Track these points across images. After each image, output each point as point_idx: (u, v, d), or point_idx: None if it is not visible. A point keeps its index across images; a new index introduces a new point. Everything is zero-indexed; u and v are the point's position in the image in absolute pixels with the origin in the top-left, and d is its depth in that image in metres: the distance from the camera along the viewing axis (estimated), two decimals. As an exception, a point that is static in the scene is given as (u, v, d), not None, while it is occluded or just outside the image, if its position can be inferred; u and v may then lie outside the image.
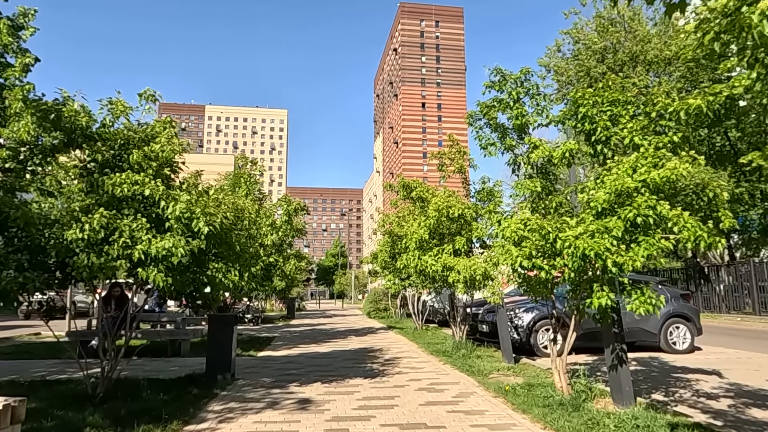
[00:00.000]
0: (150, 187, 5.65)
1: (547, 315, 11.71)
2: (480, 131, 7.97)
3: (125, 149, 5.93)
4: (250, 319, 21.67)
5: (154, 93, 6.17)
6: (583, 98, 6.17)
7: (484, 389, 7.35)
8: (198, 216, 5.59)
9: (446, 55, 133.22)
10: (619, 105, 6.08)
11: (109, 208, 5.62)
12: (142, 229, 5.60)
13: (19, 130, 5.97)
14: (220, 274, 6.21)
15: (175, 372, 8.71)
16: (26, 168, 7.18)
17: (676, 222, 4.86)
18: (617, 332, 5.86)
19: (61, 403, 6.01)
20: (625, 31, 25.00)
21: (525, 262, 5.60)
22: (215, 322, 8.14)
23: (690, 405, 6.54)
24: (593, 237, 4.93)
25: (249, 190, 13.56)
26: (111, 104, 5.98)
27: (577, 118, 6.34)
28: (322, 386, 7.65)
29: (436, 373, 8.78)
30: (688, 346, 11.58)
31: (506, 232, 5.95)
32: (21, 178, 7.17)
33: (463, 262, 9.70)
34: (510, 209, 7.38)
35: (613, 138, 5.92)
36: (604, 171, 5.60)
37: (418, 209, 11.75)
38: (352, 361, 10.39)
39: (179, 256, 5.40)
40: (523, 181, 6.92)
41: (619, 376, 5.78)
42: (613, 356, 5.85)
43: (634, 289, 5.04)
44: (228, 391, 7.28)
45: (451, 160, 11.08)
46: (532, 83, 7.05)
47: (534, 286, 6.41)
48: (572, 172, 8.23)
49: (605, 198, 5.27)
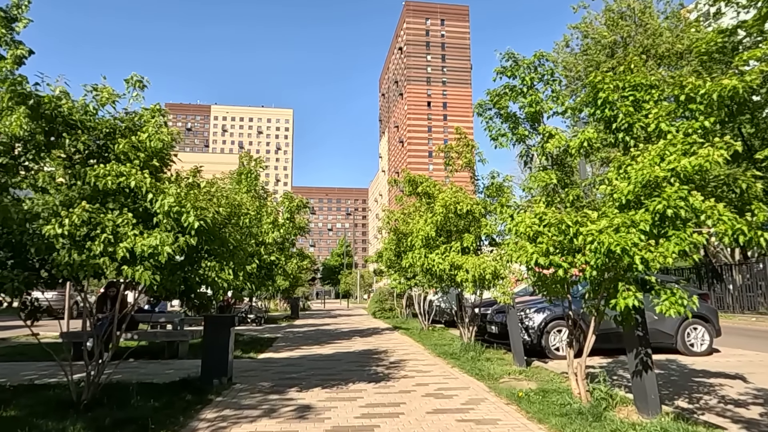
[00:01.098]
0: (136, 179, 5.24)
1: (559, 315, 11.26)
2: (490, 122, 7.53)
3: (111, 139, 5.53)
4: (253, 320, 21.27)
5: (142, 79, 5.75)
6: (602, 82, 5.71)
7: (496, 395, 6.91)
8: (188, 210, 5.18)
9: (452, 53, 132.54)
10: (642, 89, 5.63)
11: (92, 202, 5.22)
12: (128, 224, 5.20)
13: (11, 124, 5.57)
14: (213, 272, 5.80)
15: (171, 375, 8.32)
16: (20, 164, 6.80)
17: (710, 215, 4.40)
18: (641, 335, 5.39)
19: (42, 410, 5.62)
20: (635, 25, 24.44)
21: (541, 259, 5.16)
22: (211, 323, 7.73)
23: (718, 413, 6.08)
24: (618, 231, 4.47)
25: (249, 186, 13.15)
26: (95, 90, 5.57)
27: (595, 104, 5.89)
28: (323, 391, 7.23)
29: (444, 377, 8.34)
30: (706, 348, 11.09)
31: (520, 228, 5.52)
32: (14, 175, 6.79)
33: (471, 260, 9.26)
34: (522, 203, 6.92)
35: (637, 125, 5.47)
36: (627, 160, 5.15)
37: (424, 205, 11.30)
38: (355, 363, 9.97)
39: (166, 254, 4.99)
40: (537, 174, 6.47)
41: (644, 383, 5.32)
42: (637, 361, 5.39)
43: (663, 289, 4.58)
44: (223, 397, 6.87)
45: (459, 154, 10.62)
46: (547, 68, 6.60)
47: (550, 286, 5.98)
48: (582, 166, 7.77)
49: (630, 189, 4.81)
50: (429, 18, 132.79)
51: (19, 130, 5.55)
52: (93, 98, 5.57)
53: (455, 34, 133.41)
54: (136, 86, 5.76)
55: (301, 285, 47.28)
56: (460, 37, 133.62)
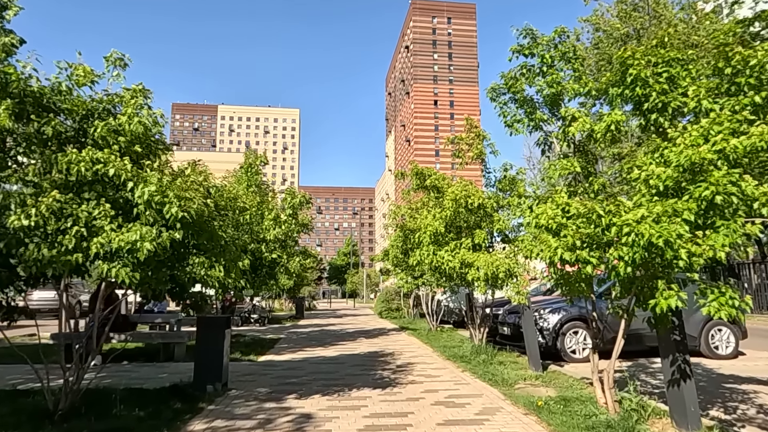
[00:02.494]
0: (115, 166, 4.71)
1: (575, 316, 10.66)
2: (504, 107, 6.96)
3: (88, 122, 5.00)
4: (256, 320, 20.76)
5: (123, 56, 5.22)
6: (633, 58, 5.13)
7: (512, 403, 6.33)
8: (171, 200, 4.65)
9: (458, 51, 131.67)
10: (678, 64, 5.04)
11: (66, 192, 4.70)
12: (105, 216, 4.67)
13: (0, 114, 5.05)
14: (202, 269, 5.27)
15: (163, 380, 7.82)
16: (10, 157, 6.29)
17: (765, 202, 3.82)
18: (679, 339, 4.81)
19: (13, 421, 5.12)
20: (649, 17, 23.74)
21: (566, 254, 4.59)
22: (204, 324, 7.20)
23: (760, 426, 5.48)
24: (658, 222, 3.89)
25: (250, 181, 12.62)
26: (71, 67, 5.03)
27: (624, 83, 5.31)
28: (325, 399, 6.68)
29: (455, 383, 7.77)
30: (731, 350, 10.46)
31: (541, 220, 4.95)
32: (3, 169, 6.28)
33: (483, 257, 8.68)
34: (541, 195, 6.34)
35: (673, 104, 4.88)
36: (664, 143, 4.57)
37: (432, 200, 10.72)
38: (360, 367, 9.41)
39: (146, 251, 4.46)
40: (558, 161, 5.89)
41: (683, 393, 4.73)
42: (674, 368, 4.80)
43: (710, 288, 3.99)
44: (216, 405, 6.34)
45: (469, 146, 10.03)
46: (568, 45, 6.01)
47: (573, 284, 5.39)
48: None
49: (669, 174, 4.23)
50: (436, 16, 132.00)
51: (7, 122, 5.04)
52: (68, 77, 5.04)
53: (462, 32, 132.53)
54: (117, 64, 5.22)
55: (307, 284, 46.81)
56: (467, 35, 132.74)
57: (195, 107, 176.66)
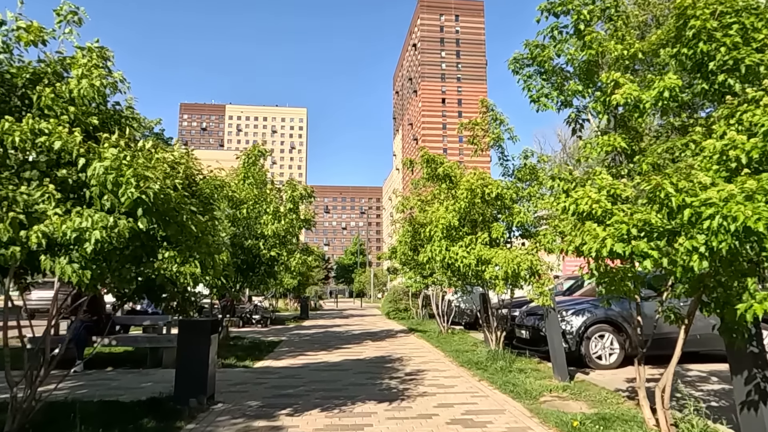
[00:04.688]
0: (62, 139, 3.85)
1: (601, 318, 9.68)
2: (528, 80, 6.05)
3: (32, 88, 4.14)
4: (258, 320, 19.92)
5: (77, 10, 4.36)
6: (693, 7, 4.20)
7: (541, 422, 5.41)
8: (128, 179, 3.77)
9: (466, 49, 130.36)
10: (752, 14, 4.11)
11: (1, 169, 3.84)
12: (50, 200, 3.81)
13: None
14: (172, 264, 4.39)
15: (145, 390, 6.98)
16: None
17: None
18: (757, 352, 3.88)
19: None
20: (668, 2, 22.68)
21: (618, 246, 3.67)
22: (186, 328, 6.33)
23: None
24: (752, 200, 2.96)
25: (247, 172, 11.76)
26: (14, 20, 4.17)
27: (682, 41, 4.38)
28: (323, 415, 5.79)
29: (472, 395, 6.87)
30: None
31: (581, 205, 4.04)
32: None
33: (502, 254, 7.75)
34: (576, 177, 5.41)
35: (747, 59, 3.94)
36: (743, 107, 3.64)
37: (444, 192, 9.79)
38: (365, 375, 8.51)
39: (94, 240, 3.60)
40: (597, 138, 4.96)
41: (762, 420, 3.80)
42: (751, 388, 3.87)
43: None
44: (197, 423, 5.47)
45: (485, 131, 9.10)
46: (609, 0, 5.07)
47: (618, 282, 4.47)
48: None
49: (754, 143, 3.31)
50: (443, 14, 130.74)
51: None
52: (10, 35, 4.18)
53: (470, 29, 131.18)
54: (68, 19, 4.35)
55: (314, 284, 45.99)
56: (475, 33, 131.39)
57: (203, 107, 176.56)
